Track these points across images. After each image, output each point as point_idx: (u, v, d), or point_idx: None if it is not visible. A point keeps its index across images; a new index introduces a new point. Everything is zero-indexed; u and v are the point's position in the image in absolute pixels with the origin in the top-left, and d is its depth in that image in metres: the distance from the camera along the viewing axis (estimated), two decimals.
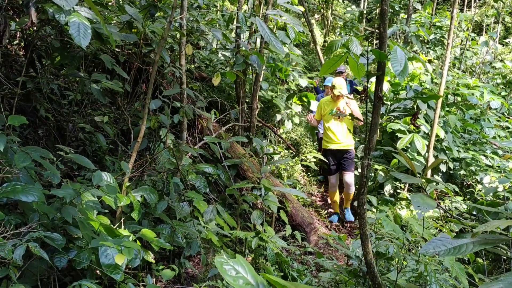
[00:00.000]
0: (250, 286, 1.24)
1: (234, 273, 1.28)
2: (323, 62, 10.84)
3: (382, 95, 2.72)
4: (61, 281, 2.88)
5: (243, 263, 1.32)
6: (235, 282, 1.26)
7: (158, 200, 3.53)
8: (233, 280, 1.27)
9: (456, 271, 3.66)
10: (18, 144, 2.68)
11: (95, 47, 4.24)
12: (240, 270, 1.30)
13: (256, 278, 1.30)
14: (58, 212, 2.60)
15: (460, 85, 7.85)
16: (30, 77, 4.47)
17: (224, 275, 1.27)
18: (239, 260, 1.34)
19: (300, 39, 6.16)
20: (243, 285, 1.24)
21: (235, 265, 1.31)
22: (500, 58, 13.68)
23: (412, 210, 6.40)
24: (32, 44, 4.19)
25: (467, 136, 7.47)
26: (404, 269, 3.11)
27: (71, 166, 4.40)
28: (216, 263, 1.30)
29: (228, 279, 1.27)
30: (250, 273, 1.30)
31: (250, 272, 1.31)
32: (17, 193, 2.40)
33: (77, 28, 2.62)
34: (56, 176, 2.72)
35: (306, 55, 12.87)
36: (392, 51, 2.55)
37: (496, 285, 1.60)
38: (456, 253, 1.80)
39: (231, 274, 1.28)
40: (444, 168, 6.69)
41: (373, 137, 2.78)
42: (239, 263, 1.32)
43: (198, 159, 5.28)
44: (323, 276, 3.16)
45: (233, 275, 1.28)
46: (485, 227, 1.80)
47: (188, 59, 6.47)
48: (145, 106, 3.47)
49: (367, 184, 2.75)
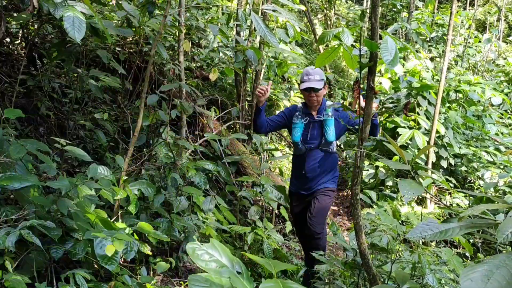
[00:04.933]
0: (225, 268, 1.25)
1: (208, 257, 1.28)
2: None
3: (374, 85, 2.73)
4: (58, 274, 2.91)
5: (218, 247, 1.33)
6: (207, 266, 1.26)
7: (155, 194, 3.56)
8: (205, 264, 1.27)
9: (454, 264, 3.66)
10: (14, 137, 2.71)
11: (95, 44, 4.29)
12: (214, 253, 1.30)
13: (231, 259, 1.30)
14: (53, 204, 2.64)
15: (462, 82, 7.83)
16: (31, 75, 4.53)
17: (196, 260, 1.27)
18: (213, 244, 1.35)
19: (299, 37, 6.18)
20: (216, 268, 1.25)
21: (209, 249, 1.31)
22: (504, 56, 13.63)
23: (413, 207, 6.39)
24: (31, 41, 4.24)
25: (468, 133, 7.45)
26: (400, 260, 3.11)
27: (71, 163, 4.45)
28: (187, 249, 1.31)
29: (200, 264, 1.27)
30: (225, 255, 1.31)
31: (225, 254, 1.31)
32: (12, 181, 2.41)
33: (71, 22, 2.66)
34: (52, 169, 2.75)
35: (309, 54, 12.88)
36: (383, 41, 2.56)
37: (481, 267, 1.61)
38: (443, 236, 1.81)
39: (204, 258, 1.28)
40: (445, 164, 6.67)
41: (365, 128, 2.79)
42: (213, 247, 1.33)
43: (198, 156, 5.31)
44: (319, 268, 3.17)
45: (206, 259, 1.28)
46: (472, 211, 1.81)
47: (188, 58, 6.51)
48: (141, 100, 3.50)
49: (360, 174, 2.77)
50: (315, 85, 3.84)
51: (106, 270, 3.08)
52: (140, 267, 3.43)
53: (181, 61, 4.47)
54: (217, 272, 1.22)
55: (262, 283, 1.09)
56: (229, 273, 1.24)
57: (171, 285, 3.59)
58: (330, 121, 3.94)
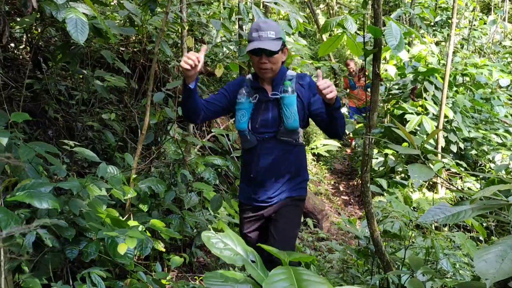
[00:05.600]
0: (239, 256, 1.26)
1: (222, 245, 1.29)
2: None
3: (379, 72, 2.72)
4: (74, 274, 2.95)
5: (232, 237, 1.34)
6: (222, 254, 1.27)
7: (166, 191, 3.58)
8: (220, 252, 1.28)
9: (468, 248, 3.64)
10: (23, 141, 2.74)
11: (98, 45, 4.30)
12: (229, 243, 1.31)
13: (246, 249, 1.31)
14: (66, 205, 2.66)
15: (468, 65, 7.76)
16: (37, 79, 4.56)
17: (211, 248, 1.28)
18: (228, 233, 1.36)
19: (302, 28, 6.15)
20: (231, 256, 1.26)
21: (224, 238, 1.32)
22: (510, 37, 13.47)
23: (424, 193, 6.37)
24: (35, 45, 4.27)
25: (477, 116, 7.39)
26: (413, 246, 3.11)
27: (81, 164, 4.49)
28: (202, 237, 1.32)
29: (215, 252, 1.28)
30: (239, 245, 1.32)
31: (239, 244, 1.32)
32: (31, 199, 2.44)
33: (74, 24, 2.66)
34: (62, 170, 2.77)
35: (312, 45, 12.83)
36: (387, 26, 2.55)
37: (495, 248, 1.60)
38: (455, 219, 1.80)
39: (219, 246, 1.29)
40: (455, 148, 6.62)
41: (373, 115, 2.78)
42: (228, 236, 1.34)
43: (207, 152, 5.33)
44: (332, 257, 3.17)
45: (220, 247, 1.29)
46: (484, 192, 1.79)
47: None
48: (148, 98, 3.51)
49: (369, 161, 2.76)
50: (269, 45, 2.54)
51: (120, 268, 3.11)
52: (155, 264, 3.46)
53: None
54: (232, 260, 1.23)
55: (273, 270, 1.09)
56: (243, 261, 1.25)
57: (185, 281, 3.61)
58: (290, 99, 2.65)
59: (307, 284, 1.05)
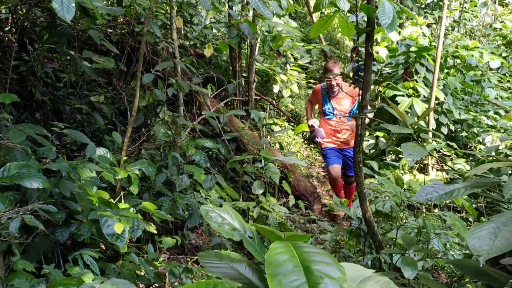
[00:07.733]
0: (237, 231, 1.24)
1: (220, 220, 1.28)
2: (320, 35, 10.72)
3: (372, 51, 2.69)
4: (65, 256, 2.92)
5: (230, 212, 1.33)
6: (220, 228, 1.26)
7: (157, 173, 3.55)
8: (218, 226, 1.27)
9: (459, 227, 3.67)
10: (11, 122, 2.68)
11: (86, 25, 4.21)
12: (227, 217, 1.30)
13: (243, 225, 1.30)
14: (55, 187, 2.62)
15: (459, 47, 7.75)
16: (23, 61, 4.47)
17: (210, 221, 1.27)
18: (226, 208, 1.35)
19: (292, 9, 6.08)
20: (229, 230, 1.24)
21: (222, 212, 1.31)
22: (501, 19, 13.47)
23: (415, 175, 6.40)
24: (21, 26, 4.17)
25: (467, 98, 7.41)
26: (404, 226, 3.12)
27: (70, 147, 4.43)
28: (201, 211, 1.30)
29: (213, 225, 1.27)
30: (237, 220, 1.31)
31: (237, 219, 1.31)
32: (22, 179, 2.40)
33: (60, 2, 2.59)
34: (51, 152, 2.73)
35: (303, 28, 12.72)
36: (380, 5, 2.51)
37: (488, 225, 1.60)
38: (449, 197, 1.80)
39: (217, 220, 1.28)
40: (446, 130, 6.65)
41: (366, 94, 2.76)
42: (226, 211, 1.32)
43: (197, 134, 5.29)
44: (324, 237, 3.18)
45: (218, 221, 1.28)
46: (476, 170, 1.79)
47: (181, 36, 6.42)
48: (137, 80, 3.45)
49: (362, 141, 2.75)
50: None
51: (112, 250, 3.09)
52: (146, 246, 3.44)
53: (174, 39, 4.40)
54: (229, 234, 1.22)
55: (272, 243, 1.08)
56: (240, 236, 1.24)
57: (177, 262, 3.61)
58: None
59: (307, 255, 1.04)
